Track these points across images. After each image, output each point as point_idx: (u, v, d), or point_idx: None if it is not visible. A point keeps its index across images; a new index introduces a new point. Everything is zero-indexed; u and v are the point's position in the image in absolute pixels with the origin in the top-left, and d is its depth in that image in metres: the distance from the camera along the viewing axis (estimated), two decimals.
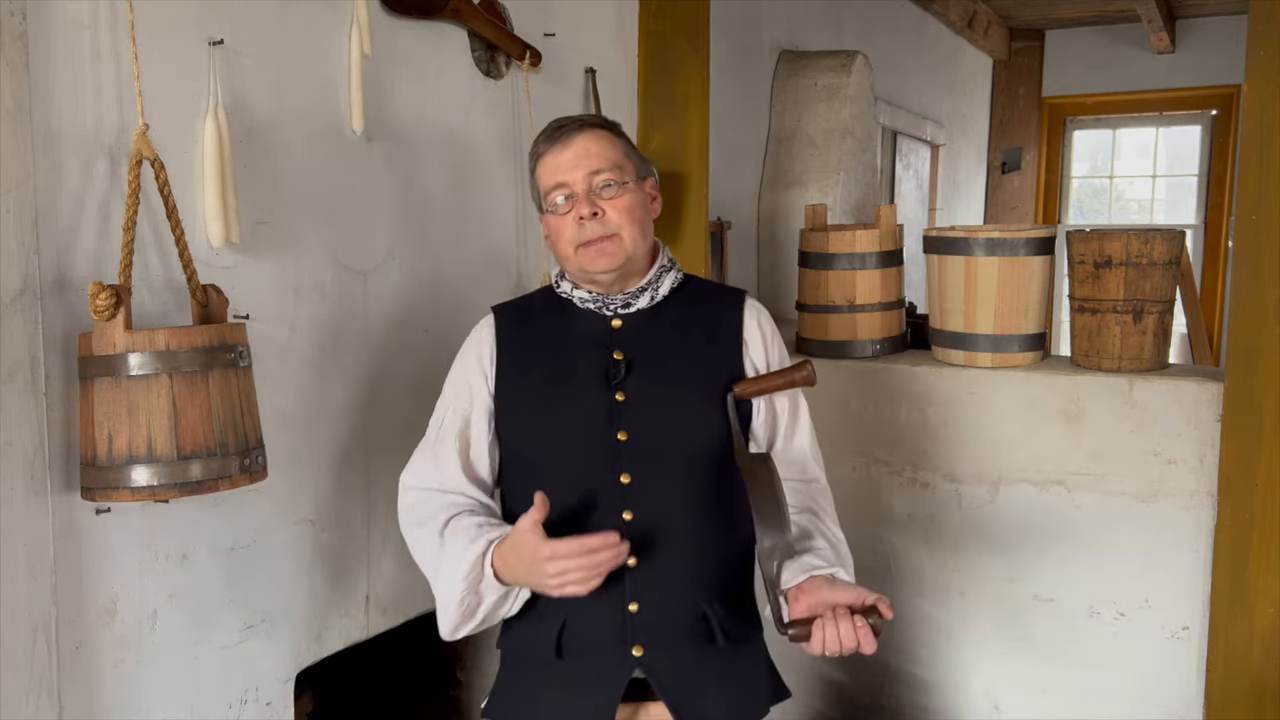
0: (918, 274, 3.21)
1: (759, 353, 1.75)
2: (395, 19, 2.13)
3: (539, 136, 1.72)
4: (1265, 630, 2.39)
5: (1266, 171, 2.33)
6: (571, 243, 1.67)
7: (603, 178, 1.66)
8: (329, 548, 2.04)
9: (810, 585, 1.55)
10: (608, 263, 1.66)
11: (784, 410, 1.78)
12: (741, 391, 1.70)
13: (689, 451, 1.67)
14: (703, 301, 1.78)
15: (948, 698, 2.91)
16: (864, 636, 1.48)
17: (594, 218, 1.64)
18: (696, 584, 1.67)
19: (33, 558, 1.52)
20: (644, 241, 1.70)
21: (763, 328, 1.78)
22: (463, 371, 1.77)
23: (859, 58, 4.13)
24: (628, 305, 1.72)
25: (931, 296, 2.94)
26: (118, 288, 1.51)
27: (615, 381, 1.67)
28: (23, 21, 1.48)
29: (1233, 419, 2.41)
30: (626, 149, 1.72)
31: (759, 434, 1.76)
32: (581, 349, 1.71)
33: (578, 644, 1.65)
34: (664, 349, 1.71)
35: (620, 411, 1.67)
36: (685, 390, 1.69)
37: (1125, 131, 7.36)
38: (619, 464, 1.65)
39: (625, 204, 1.67)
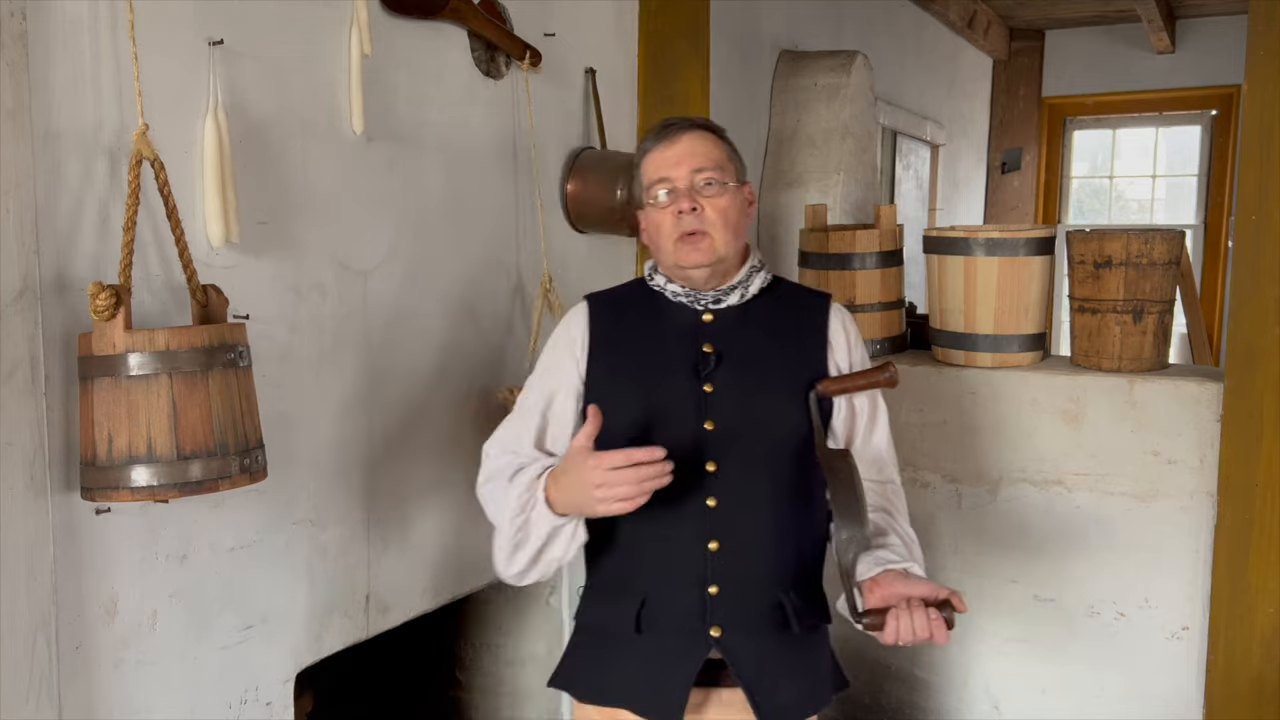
0: (918, 274, 3.21)
1: (842, 354, 1.81)
2: (395, 19, 2.13)
3: (648, 133, 1.79)
4: (1265, 630, 2.39)
5: (1266, 171, 2.33)
6: (670, 236, 1.73)
7: (705, 176, 1.72)
8: (329, 548, 2.04)
9: (884, 578, 1.61)
10: (700, 257, 1.72)
11: (863, 410, 1.84)
12: (824, 389, 1.76)
13: (773, 444, 1.74)
14: (790, 302, 1.85)
15: (948, 698, 2.91)
16: (937, 628, 1.54)
17: (693, 212, 1.70)
18: (774, 572, 1.73)
19: (33, 558, 1.52)
20: (736, 243, 1.76)
21: (847, 330, 1.84)
22: (554, 353, 1.84)
23: (859, 58, 4.13)
24: (718, 301, 1.78)
25: (931, 296, 2.94)
26: (118, 288, 1.51)
27: (705, 373, 1.73)
28: (23, 21, 1.48)
29: (1233, 419, 2.41)
30: (729, 152, 1.78)
31: (838, 431, 1.82)
32: (672, 340, 1.77)
33: (657, 621, 1.72)
34: (752, 345, 1.77)
35: (708, 402, 1.73)
36: (771, 385, 1.75)
37: (1125, 131, 7.36)
38: (705, 452, 1.71)
39: (722, 205, 1.73)
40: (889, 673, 2.96)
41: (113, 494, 1.52)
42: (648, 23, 2.91)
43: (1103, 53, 6.89)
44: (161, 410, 1.52)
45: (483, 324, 2.40)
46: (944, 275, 2.84)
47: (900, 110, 5.53)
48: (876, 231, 2.97)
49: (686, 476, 1.68)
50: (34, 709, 1.53)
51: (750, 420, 1.73)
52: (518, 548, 1.68)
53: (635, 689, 1.74)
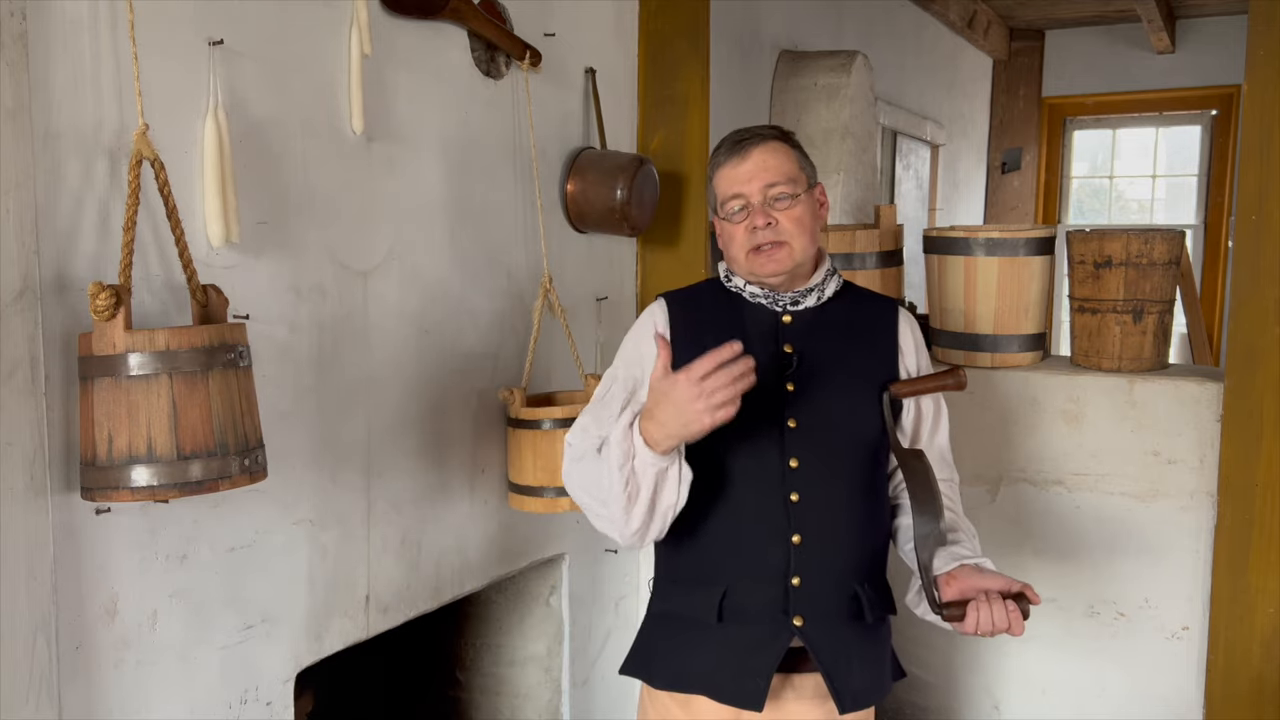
0: (918, 274, 3.21)
1: (911, 358, 1.89)
2: (395, 19, 2.13)
3: (719, 146, 1.83)
4: (1265, 630, 2.39)
5: (1266, 171, 2.33)
6: (743, 248, 1.79)
7: (777, 190, 1.77)
8: (329, 548, 2.04)
9: (960, 572, 1.72)
10: (776, 267, 1.79)
11: (929, 411, 1.92)
12: (897, 391, 1.83)
13: (850, 441, 1.81)
14: (862, 306, 1.91)
15: (948, 698, 2.91)
16: (1015, 619, 1.64)
17: (768, 227, 1.76)
18: (851, 565, 1.80)
19: (33, 558, 1.52)
20: (812, 247, 1.82)
21: (915, 335, 1.92)
22: (636, 344, 1.89)
23: (859, 58, 4.13)
24: (796, 303, 1.84)
25: (931, 296, 2.94)
26: (118, 288, 1.51)
27: (788, 372, 1.80)
28: (23, 21, 1.48)
29: (1233, 419, 2.41)
30: (800, 160, 1.83)
31: (906, 431, 1.90)
32: (754, 338, 1.80)
33: (740, 611, 1.78)
34: (829, 346, 1.84)
35: (790, 400, 1.79)
36: (848, 385, 1.82)
37: (1125, 131, 7.36)
38: (788, 448, 1.77)
39: (797, 214, 1.78)
40: None
41: (113, 494, 1.52)
42: (648, 23, 2.91)
43: (1103, 53, 6.90)
44: (161, 410, 1.52)
45: (483, 324, 2.40)
46: (944, 275, 2.84)
47: (900, 110, 5.53)
48: (876, 231, 2.97)
49: (769, 472, 1.77)
50: (34, 709, 1.53)
51: (829, 419, 1.80)
52: (631, 501, 1.67)
53: (715, 677, 1.79)
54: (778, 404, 1.79)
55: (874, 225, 3.03)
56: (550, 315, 2.52)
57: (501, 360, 2.46)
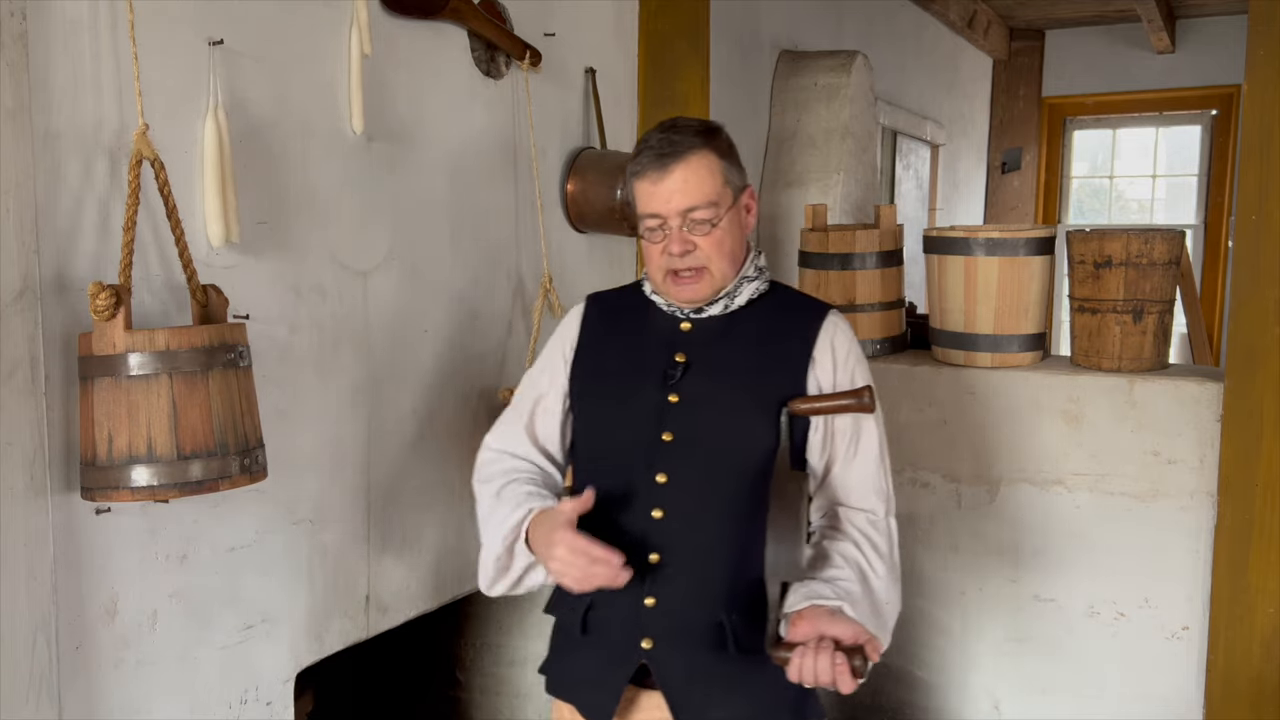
0: (918, 274, 3.21)
1: (826, 371, 1.71)
2: (395, 19, 2.13)
3: (640, 151, 1.69)
4: (1265, 630, 2.39)
5: (1266, 171, 2.33)
6: (660, 270, 1.70)
7: (697, 214, 1.65)
8: (329, 548, 2.04)
9: (810, 613, 1.56)
10: (692, 294, 1.70)
11: (844, 432, 1.73)
12: (793, 408, 1.67)
13: (731, 460, 1.68)
14: (781, 313, 1.76)
15: (948, 698, 2.91)
16: (840, 674, 1.49)
17: (684, 255, 1.66)
18: (717, 590, 1.68)
19: (33, 558, 1.52)
20: (733, 269, 1.71)
21: (835, 346, 1.73)
22: (550, 351, 1.86)
23: (859, 58, 4.13)
24: (700, 310, 1.74)
25: (931, 296, 2.94)
26: (118, 288, 1.51)
27: (670, 382, 1.70)
28: (23, 21, 1.48)
29: (1233, 419, 2.41)
30: (727, 170, 1.69)
31: (814, 454, 1.73)
32: (651, 347, 1.75)
33: (599, 626, 1.74)
34: (728, 356, 1.72)
35: (670, 412, 1.69)
36: (739, 399, 1.69)
37: (1125, 131, 7.36)
38: (658, 462, 1.68)
39: (716, 239, 1.66)
40: (889, 673, 2.96)
41: (113, 494, 1.52)
42: (648, 23, 2.91)
43: (1103, 53, 6.89)
44: (161, 410, 1.52)
45: (483, 324, 2.40)
46: (944, 275, 2.84)
47: (900, 110, 5.53)
48: (876, 231, 2.97)
49: (636, 486, 1.69)
50: (34, 709, 1.53)
51: (710, 433, 1.68)
52: (500, 574, 1.73)
53: (579, 687, 1.78)
54: (657, 416, 1.69)
55: (874, 225, 3.03)
56: (550, 315, 2.52)
57: (502, 360, 2.46)
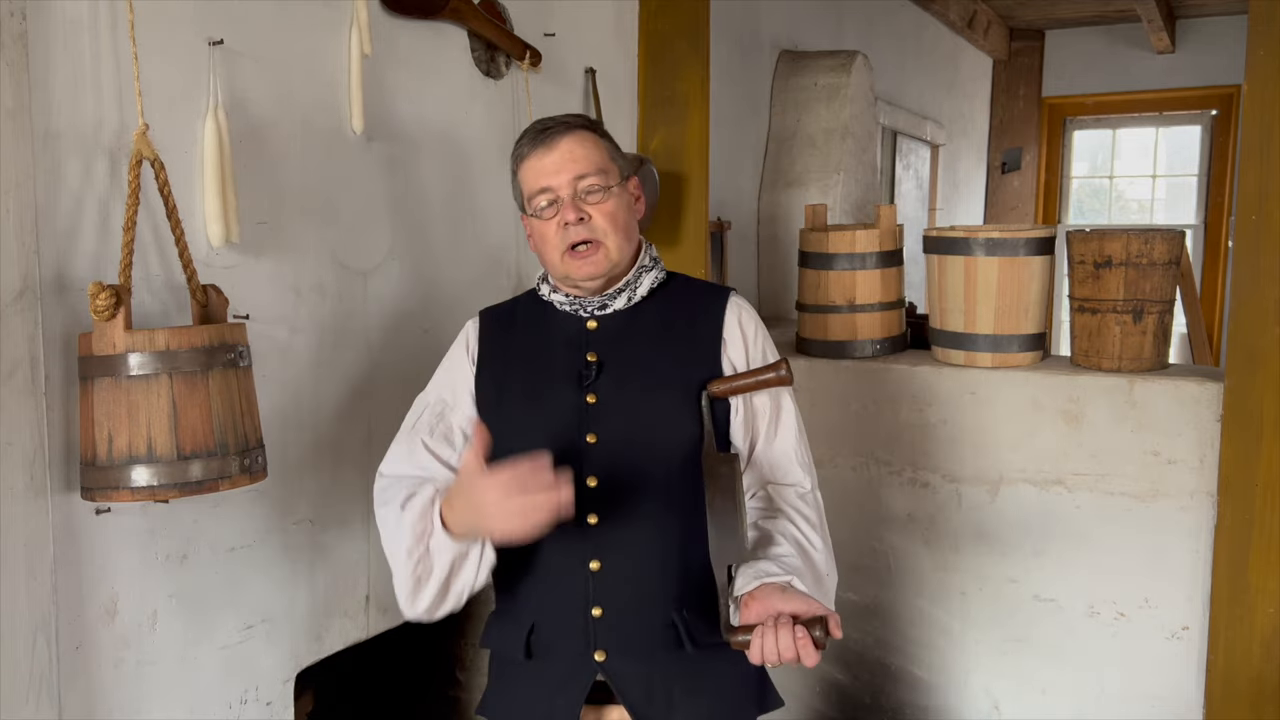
0: (918, 274, 3.21)
1: (738, 351, 1.70)
2: (395, 19, 2.13)
3: (522, 138, 1.69)
4: (1265, 630, 2.39)
5: (1266, 171, 2.33)
6: (557, 248, 1.65)
7: (588, 182, 1.64)
8: (329, 548, 2.04)
9: (761, 592, 1.51)
10: (592, 269, 1.65)
11: (764, 410, 1.71)
12: (713, 391, 1.65)
13: (659, 454, 1.64)
14: (684, 300, 1.74)
15: (948, 698, 2.91)
16: (803, 648, 1.42)
17: (579, 223, 1.63)
18: (664, 589, 1.63)
19: (33, 558, 1.52)
20: (629, 246, 1.69)
21: (744, 325, 1.72)
22: (447, 369, 1.79)
23: (859, 58, 4.13)
24: (604, 306, 1.70)
25: (931, 296, 2.94)
26: (118, 288, 1.51)
27: (586, 383, 1.66)
28: (23, 21, 1.48)
29: (1233, 419, 2.41)
30: (611, 150, 1.70)
31: (737, 435, 1.71)
32: (557, 352, 1.70)
33: (545, 646, 1.66)
34: (639, 349, 1.68)
35: (590, 414, 1.65)
36: (658, 391, 1.66)
37: (1125, 131, 7.36)
38: (585, 467, 1.62)
39: (609, 209, 1.65)
40: (889, 673, 2.96)
41: (113, 494, 1.52)
42: (648, 23, 2.91)
43: (1103, 53, 6.89)
44: (161, 410, 1.52)
45: None
46: (944, 275, 2.84)
47: (900, 110, 5.53)
48: (876, 231, 2.97)
49: None
50: (34, 709, 1.53)
51: (635, 430, 1.64)
52: (420, 583, 1.58)
53: (529, 716, 1.68)
54: (576, 419, 1.64)
55: (874, 225, 3.03)
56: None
57: None
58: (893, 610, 2.93)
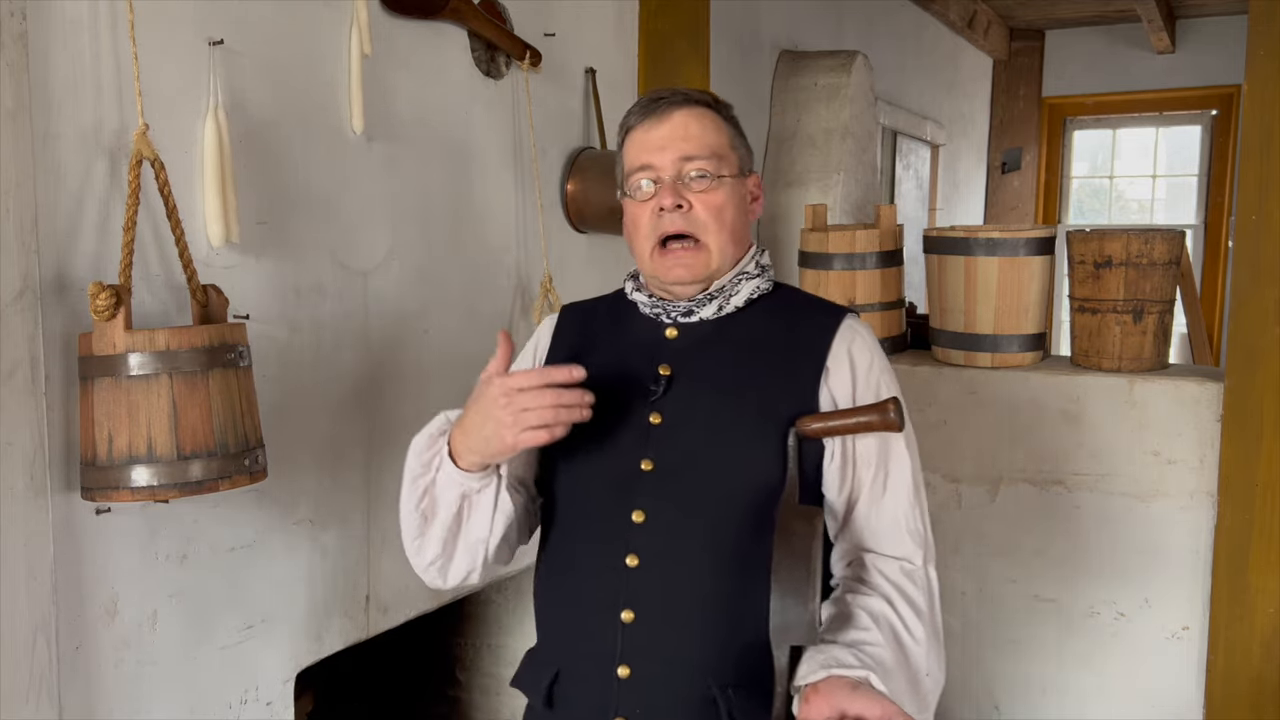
0: (918, 274, 3.21)
1: (843, 384, 1.42)
2: (395, 19, 2.13)
3: (633, 107, 1.46)
4: (1265, 630, 2.39)
5: (1266, 171, 2.33)
6: (648, 239, 1.41)
7: (696, 165, 1.40)
8: (329, 548, 2.04)
9: (827, 686, 1.25)
10: (685, 274, 1.42)
11: (869, 459, 1.42)
12: (803, 429, 1.38)
13: (724, 493, 1.39)
14: (787, 316, 1.47)
15: (948, 698, 2.91)
16: None
17: (677, 210, 1.39)
18: (707, 657, 1.37)
19: (33, 558, 1.52)
20: (734, 249, 1.44)
21: (855, 353, 1.43)
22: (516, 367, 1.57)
23: (859, 58, 4.13)
24: (689, 313, 1.45)
25: (931, 296, 2.95)
26: (118, 288, 1.51)
27: (652, 399, 1.42)
28: (23, 21, 1.48)
29: (1233, 419, 2.41)
30: (733, 136, 1.45)
31: (831, 486, 1.43)
32: (631, 358, 1.46)
33: (566, 698, 1.44)
34: (721, 367, 1.43)
35: (651, 436, 1.41)
36: (734, 418, 1.40)
37: (1125, 131, 7.37)
38: (634, 497, 1.39)
39: (717, 201, 1.40)
40: None
41: (113, 494, 1.52)
42: (648, 23, 2.91)
43: (1103, 53, 6.90)
44: (161, 410, 1.52)
45: (483, 324, 2.40)
46: (944, 275, 2.84)
47: (900, 110, 5.53)
48: (876, 231, 2.97)
49: (608, 524, 1.40)
50: (34, 709, 1.53)
51: (698, 461, 1.39)
52: (427, 520, 1.40)
53: None
54: (635, 441, 1.41)
55: (874, 225, 3.03)
56: (550, 315, 2.52)
57: None
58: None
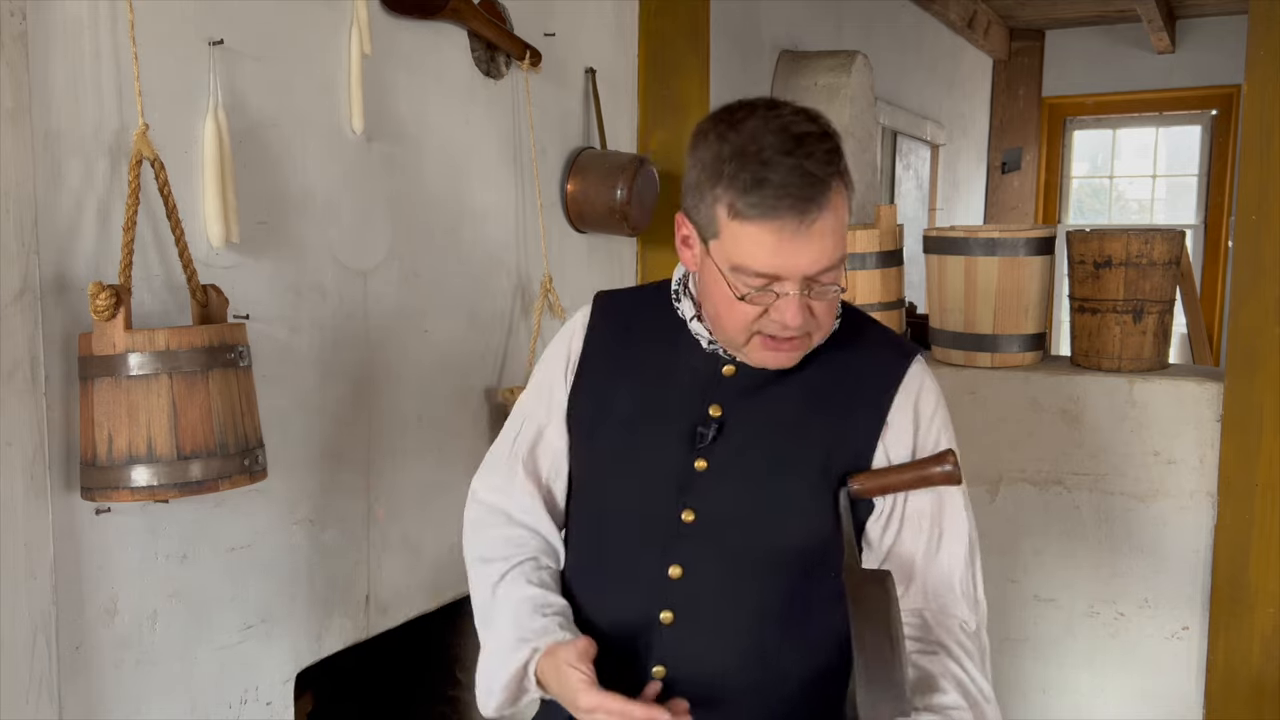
0: (918, 274, 3.21)
1: (902, 440, 1.35)
2: (395, 19, 2.13)
3: (758, 177, 1.21)
4: (1265, 630, 2.39)
5: (1266, 171, 2.33)
6: (746, 331, 1.28)
7: (829, 277, 1.25)
8: (329, 548, 2.04)
9: None
10: (784, 361, 1.32)
11: (923, 514, 1.35)
12: (858, 487, 1.32)
13: (771, 550, 1.33)
14: (853, 357, 1.38)
15: None
16: None
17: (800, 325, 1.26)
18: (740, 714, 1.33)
19: (33, 558, 1.52)
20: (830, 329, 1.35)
21: (920, 407, 1.37)
22: (547, 370, 1.49)
23: (859, 58, 4.13)
24: None
25: (931, 296, 2.94)
26: (118, 288, 1.51)
27: (700, 445, 1.33)
28: (23, 21, 1.48)
29: (1233, 419, 2.41)
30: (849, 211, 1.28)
31: (874, 543, 1.37)
32: (679, 389, 1.37)
33: None
34: (776, 413, 1.35)
35: (695, 483, 1.34)
36: (787, 471, 1.33)
37: (1125, 131, 7.36)
38: (673, 549, 1.33)
39: (833, 303, 1.30)
40: None
41: (113, 494, 1.52)
42: (648, 23, 2.91)
43: (1103, 53, 6.89)
44: (161, 410, 1.52)
45: (483, 324, 2.40)
46: (944, 275, 2.84)
47: (900, 110, 5.53)
48: (876, 231, 2.97)
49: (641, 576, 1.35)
50: (34, 709, 1.53)
51: (744, 514, 1.32)
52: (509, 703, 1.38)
53: None
54: (677, 487, 1.33)
55: (874, 225, 3.03)
56: (550, 315, 2.52)
57: (502, 360, 2.46)
58: None
